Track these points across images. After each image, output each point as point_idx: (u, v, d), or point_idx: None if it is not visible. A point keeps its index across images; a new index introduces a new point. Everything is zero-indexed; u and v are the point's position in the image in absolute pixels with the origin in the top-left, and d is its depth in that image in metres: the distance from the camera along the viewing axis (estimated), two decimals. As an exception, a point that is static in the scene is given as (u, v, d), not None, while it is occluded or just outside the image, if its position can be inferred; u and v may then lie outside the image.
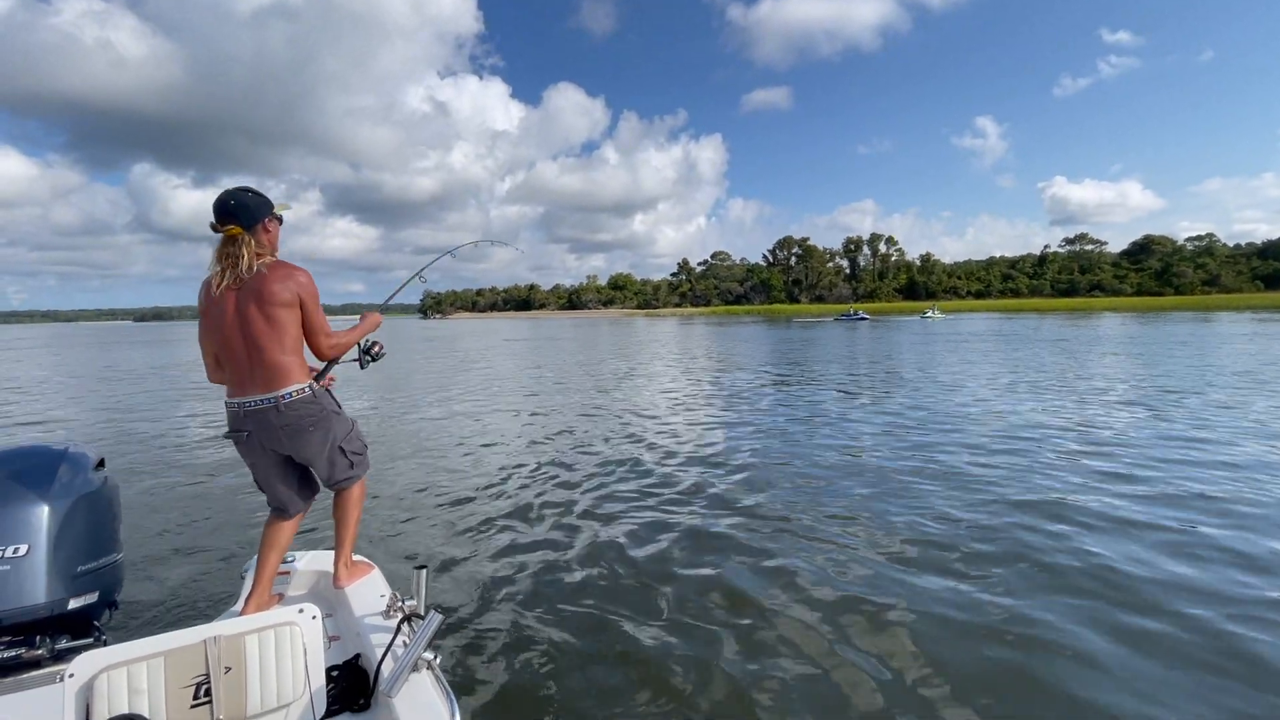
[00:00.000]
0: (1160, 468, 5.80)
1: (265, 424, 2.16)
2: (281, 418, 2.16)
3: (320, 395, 2.28)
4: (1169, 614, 3.17)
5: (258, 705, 1.48)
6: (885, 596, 3.40)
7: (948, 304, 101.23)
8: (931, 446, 6.87)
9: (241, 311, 2.12)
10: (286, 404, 2.16)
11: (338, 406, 2.38)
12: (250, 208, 2.18)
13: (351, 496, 2.46)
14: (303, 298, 2.20)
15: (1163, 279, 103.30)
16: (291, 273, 2.18)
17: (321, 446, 2.27)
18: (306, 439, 2.23)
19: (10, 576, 1.76)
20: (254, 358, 2.13)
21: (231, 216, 2.15)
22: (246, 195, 2.20)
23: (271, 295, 2.12)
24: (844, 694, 2.60)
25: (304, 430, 2.21)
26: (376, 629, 1.96)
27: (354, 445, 2.41)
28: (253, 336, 2.12)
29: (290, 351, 2.17)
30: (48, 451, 2.02)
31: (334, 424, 2.31)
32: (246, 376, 2.15)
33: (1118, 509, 4.66)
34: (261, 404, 2.14)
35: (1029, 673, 2.72)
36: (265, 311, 2.11)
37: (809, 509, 4.90)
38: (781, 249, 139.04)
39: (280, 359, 2.14)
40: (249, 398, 2.15)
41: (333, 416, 2.31)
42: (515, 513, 5.03)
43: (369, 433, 8.65)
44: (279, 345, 2.14)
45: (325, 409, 2.27)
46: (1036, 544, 4.06)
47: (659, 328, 53.92)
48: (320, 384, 2.32)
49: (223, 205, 2.16)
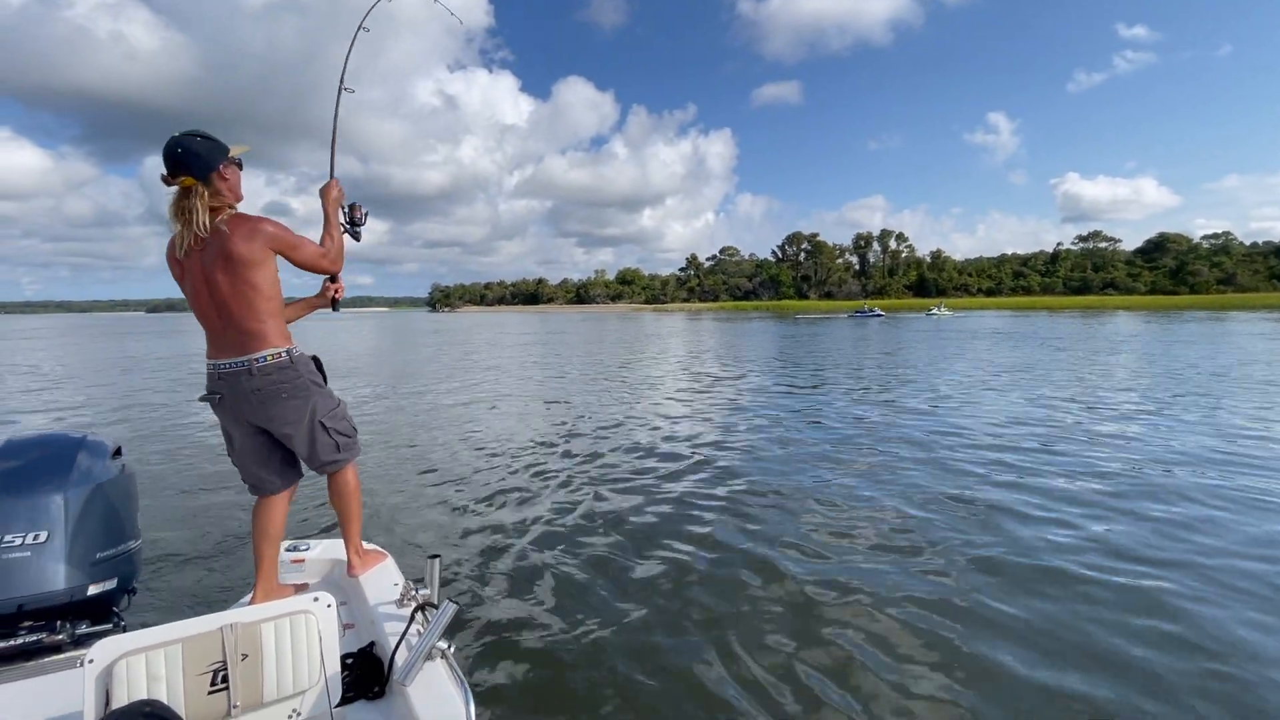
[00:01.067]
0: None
1: (237, 388, 2.04)
2: (253, 381, 2.03)
3: (299, 362, 2.13)
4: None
5: (274, 692, 1.49)
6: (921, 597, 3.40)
7: (958, 301, 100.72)
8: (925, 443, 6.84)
9: (208, 276, 1.97)
10: (260, 368, 2.03)
11: (320, 379, 2.23)
12: (201, 154, 1.96)
13: (347, 485, 2.33)
14: (277, 248, 2.05)
15: (1178, 277, 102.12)
16: (256, 226, 1.99)
17: (299, 418, 2.12)
18: (280, 408, 2.08)
19: (31, 563, 1.78)
20: (226, 321, 2.01)
21: (182, 166, 1.94)
22: (195, 140, 1.97)
23: (239, 257, 1.95)
24: (870, 693, 2.60)
25: (277, 398, 2.07)
26: (390, 618, 1.97)
27: (339, 424, 2.24)
28: (222, 301, 1.99)
29: (266, 316, 2.04)
30: (66, 440, 2.04)
31: (314, 395, 2.15)
32: (221, 337, 2.04)
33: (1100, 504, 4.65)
34: (234, 366, 2.02)
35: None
36: (235, 274, 1.96)
37: (826, 503, 4.89)
38: (791, 245, 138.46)
39: (253, 325, 2.02)
40: (223, 360, 2.04)
41: (312, 387, 2.15)
42: (529, 503, 5.05)
43: (381, 422, 8.76)
44: (251, 311, 2.01)
45: (304, 378, 2.13)
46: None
47: (667, 323, 53.93)
48: (300, 351, 2.16)
49: (170, 154, 1.94)
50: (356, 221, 2.46)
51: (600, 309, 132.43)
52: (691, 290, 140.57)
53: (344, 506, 2.35)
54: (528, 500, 5.16)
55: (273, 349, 2.05)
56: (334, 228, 2.29)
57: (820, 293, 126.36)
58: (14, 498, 1.82)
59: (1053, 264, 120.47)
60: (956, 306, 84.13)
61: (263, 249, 2.00)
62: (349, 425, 2.30)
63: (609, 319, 71.11)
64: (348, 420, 2.30)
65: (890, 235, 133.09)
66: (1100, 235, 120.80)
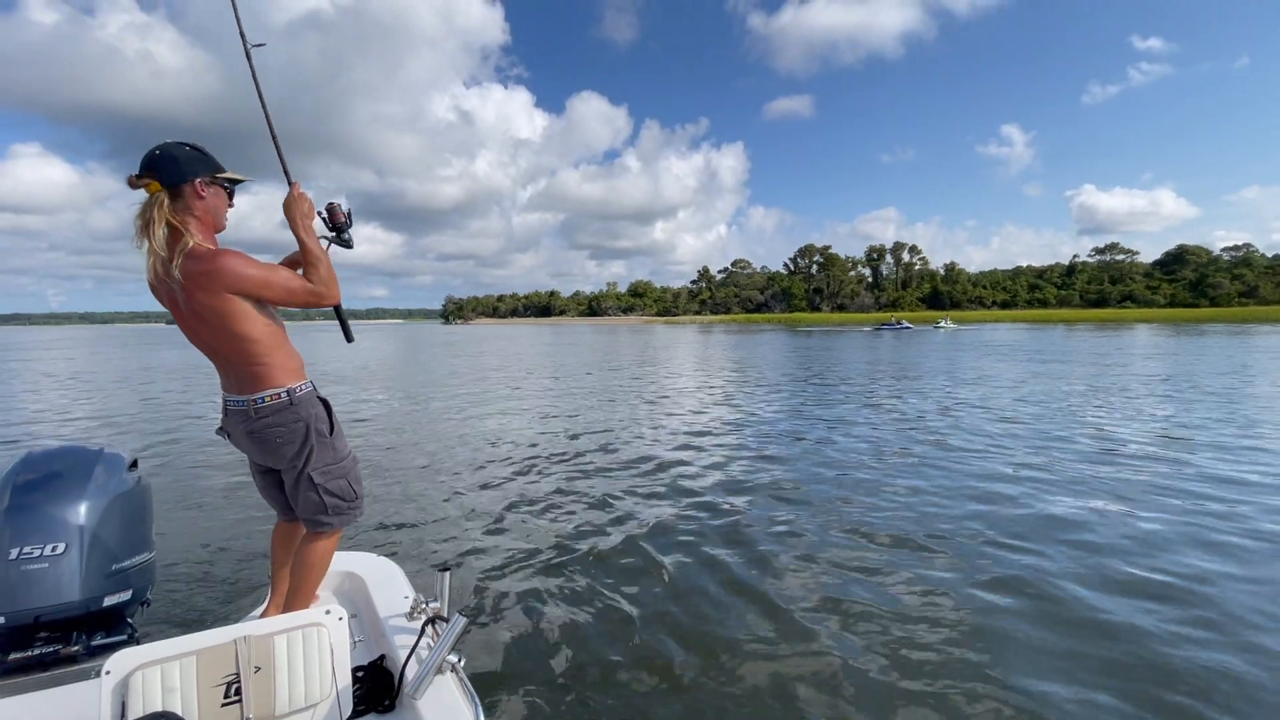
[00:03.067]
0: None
1: (236, 426, 1.87)
2: (249, 423, 1.83)
3: (301, 404, 1.86)
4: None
5: (286, 705, 1.50)
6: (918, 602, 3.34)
7: (973, 314, 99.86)
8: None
9: (189, 320, 1.77)
10: (257, 409, 1.82)
11: (326, 427, 1.92)
12: (177, 160, 1.70)
13: (315, 549, 1.95)
14: (241, 290, 1.71)
15: (1198, 290, 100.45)
16: (212, 270, 1.67)
17: (291, 466, 1.89)
18: (274, 453, 1.87)
19: (49, 574, 1.81)
20: (223, 362, 1.85)
21: (149, 168, 1.69)
22: (180, 147, 1.73)
23: (210, 311, 1.71)
24: (889, 699, 2.56)
25: (271, 441, 1.85)
26: (401, 631, 1.97)
27: (334, 483, 1.92)
28: (213, 347, 1.82)
29: (264, 356, 1.80)
30: (84, 452, 2.08)
31: (311, 446, 1.88)
32: (225, 373, 1.87)
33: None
34: (238, 405, 1.85)
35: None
36: (215, 327, 1.74)
37: (843, 515, 4.84)
38: (803, 257, 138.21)
39: (252, 369, 1.81)
40: (230, 395, 1.87)
41: (312, 435, 1.88)
42: (540, 517, 5.04)
43: (394, 431, 8.75)
44: (246, 357, 1.79)
45: (303, 421, 1.86)
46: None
47: (678, 335, 53.87)
48: (308, 390, 1.90)
49: (148, 155, 1.71)
50: (340, 226, 2.01)
51: (612, 321, 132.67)
52: (703, 303, 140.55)
53: (298, 567, 1.96)
54: (540, 513, 5.15)
55: (273, 389, 1.82)
56: (313, 247, 1.89)
57: (833, 305, 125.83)
58: (33, 510, 1.86)
59: (1069, 276, 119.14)
60: (971, 319, 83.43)
61: (222, 299, 1.70)
62: (348, 488, 1.97)
63: (620, 331, 71.18)
64: (348, 481, 1.97)
65: (903, 248, 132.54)
66: (1117, 248, 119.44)
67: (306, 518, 1.95)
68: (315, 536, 1.96)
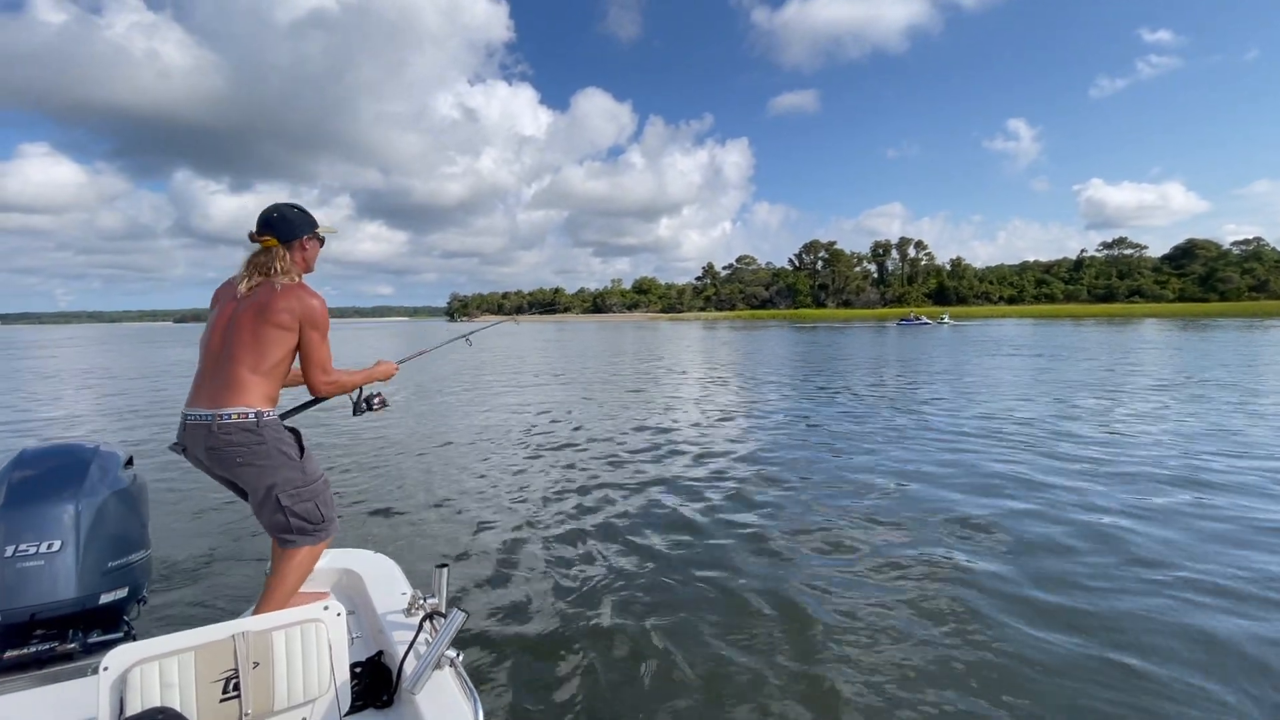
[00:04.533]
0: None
1: (196, 441, 1.94)
2: (211, 438, 1.91)
3: (266, 428, 1.95)
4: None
5: (284, 700, 1.50)
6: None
7: (977, 309, 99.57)
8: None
9: (236, 318, 1.99)
10: (220, 425, 1.90)
11: (294, 451, 2.02)
12: (291, 222, 2.12)
13: (291, 560, 2.01)
14: (305, 322, 2.01)
15: (1207, 284, 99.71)
16: (302, 295, 2.03)
17: (254, 486, 1.96)
18: (235, 472, 1.95)
19: (44, 572, 1.80)
20: (220, 366, 1.96)
21: (268, 227, 2.10)
22: (291, 210, 2.15)
23: (272, 311, 1.97)
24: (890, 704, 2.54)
25: (230, 462, 1.93)
26: (398, 626, 1.97)
27: (301, 506, 1.99)
28: (231, 346, 1.97)
29: (260, 371, 1.96)
30: (80, 450, 2.07)
31: (275, 467, 1.95)
32: (203, 385, 1.98)
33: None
34: (199, 419, 1.92)
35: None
36: (257, 324, 1.97)
37: (840, 512, 4.82)
38: (808, 253, 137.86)
39: (242, 374, 1.94)
40: (192, 410, 1.96)
41: (277, 457, 1.95)
42: (538, 512, 5.04)
43: (393, 428, 8.75)
44: (252, 361, 1.95)
45: (268, 445, 1.94)
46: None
47: (682, 331, 53.83)
48: (274, 418, 2.01)
49: (264, 217, 2.11)
50: (369, 403, 2.43)
51: (616, 318, 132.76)
52: (708, 299, 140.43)
53: (276, 574, 2.02)
54: (538, 509, 5.15)
55: (241, 407, 1.92)
56: (355, 379, 2.25)
57: (838, 301, 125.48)
58: (28, 507, 1.85)
59: (1076, 271, 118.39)
60: (973, 315, 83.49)
61: (293, 316, 1.99)
62: (315, 510, 2.03)
63: (625, 327, 71.19)
64: (316, 503, 2.04)
65: (909, 243, 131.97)
66: (1126, 242, 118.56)
67: (275, 535, 2.03)
68: (287, 554, 2.02)
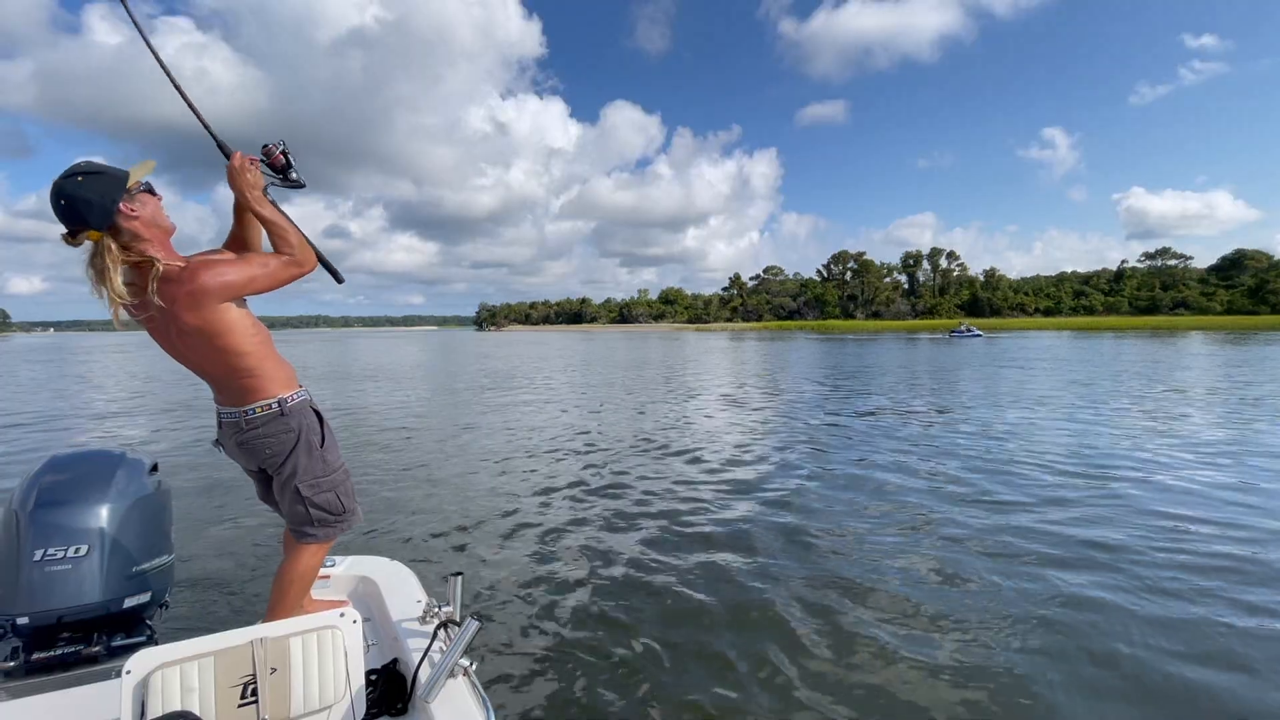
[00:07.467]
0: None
1: (228, 436, 1.89)
2: (240, 434, 1.85)
3: (293, 414, 1.86)
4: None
5: (300, 706, 1.51)
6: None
7: (1011, 321, 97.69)
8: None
9: (172, 343, 1.75)
10: (249, 419, 1.83)
11: (319, 438, 1.93)
12: (92, 200, 1.56)
13: (298, 560, 1.95)
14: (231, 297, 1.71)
15: (1257, 296, 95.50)
16: (196, 289, 1.63)
17: (277, 474, 1.91)
18: (261, 460, 1.89)
19: (71, 575, 1.86)
20: (212, 378, 1.86)
21: (76, 217, 1.57)
22: (78, 182, 1.57)
23: (196, 331, 1.68)
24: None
25: (259, 453, 1.87)
26: (413, 634, 1.97)
27: (321, 497, 1.92)
28: (199, 366, 1.81)
29: (253, 369, 1.79)
30: (107, 456, 2.13)
31: (299, 454, 1.88)
32: (216, 388, 1.88)
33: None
34: (231, 416, 1.86)
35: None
36: (200, 346, 1.73)
37: (857, 523, 4.71)
38: (836, 263, 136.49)
39: (242, 382, 1.81)
40: (224, 407, 1.88)
41: (300, 445, 1.88)
42: (554, 522, 5.04)
43: (412, 433, 8.86)
44: (234, 371, 1.78)
45: (294, 431, 1.87)
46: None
47: (710, 343, 53.67)
48: (299, 400, 1.89)
49: (56, 206, 1.57)
50: (279, 166, 1.86)
51: (642, 328, 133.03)
52: (735, 310, 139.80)
53: (280, 585, 1.95)
54: (554, 519, 5.14)
55: (264, 400, 1.83)
56: (273, 217, 1.80)
57: (867, 313, 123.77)
58: (57, 512, 1.91)
59: (1117, 282, 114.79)
60: (1008, 326, 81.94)
61: (208, 309, 1.66)
62: (336, 502, 1.96)
63: (651, 338, 71.27)
64: (337, 494, 1.96)
65: (940, 253, 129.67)
66: (1169, 252, 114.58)
67: (292, 527, 1.97)
68: (300, 547, 1.96)
